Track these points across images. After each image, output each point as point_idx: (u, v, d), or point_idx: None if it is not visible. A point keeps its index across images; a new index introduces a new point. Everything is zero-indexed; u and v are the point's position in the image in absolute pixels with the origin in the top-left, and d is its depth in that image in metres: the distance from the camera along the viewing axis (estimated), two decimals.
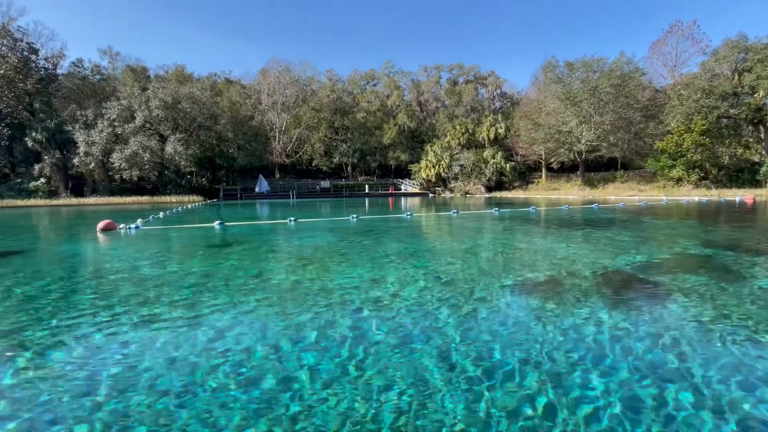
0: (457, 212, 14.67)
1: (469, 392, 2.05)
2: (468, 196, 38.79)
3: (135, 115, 35.26)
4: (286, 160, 47.93)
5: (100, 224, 9.73)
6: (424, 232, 9.97)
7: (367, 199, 34.04)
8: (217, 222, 11.05)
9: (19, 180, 34.92)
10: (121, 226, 10.01)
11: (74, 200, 32.83)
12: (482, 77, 54.34)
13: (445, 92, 52.63)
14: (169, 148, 34.93)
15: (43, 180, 34.43)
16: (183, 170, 38.48)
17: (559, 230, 9.52)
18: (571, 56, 45.15)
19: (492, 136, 43.83)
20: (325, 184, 45.19)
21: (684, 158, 30.10)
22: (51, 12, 74.44)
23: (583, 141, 35.75)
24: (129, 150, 33.45)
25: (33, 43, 36.26)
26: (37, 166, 34.49)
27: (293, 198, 38.81)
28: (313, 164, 49.47)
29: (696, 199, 22.99)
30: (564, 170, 43.44)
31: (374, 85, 56.93)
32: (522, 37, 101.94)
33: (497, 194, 39.04)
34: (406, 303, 3.62)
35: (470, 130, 45.14)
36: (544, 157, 41.61)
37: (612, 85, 33.43)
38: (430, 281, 4.45)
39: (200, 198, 35.93)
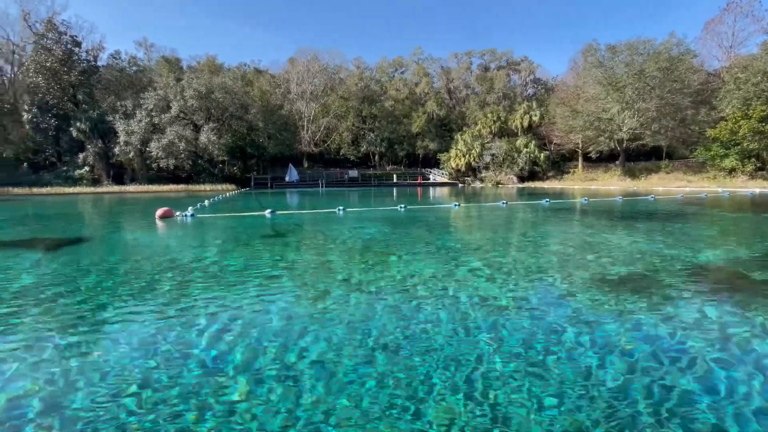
0: (506, 203, 14.16)
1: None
2: (500, 186, 37.80)
3: (170, 105, 35.99)
4: (314, 149, 48.05)
5: (159, 212, 9.88)
6: (481, 223, 9.59)
7: (395, 189, 33.71)
8: (268, 210, 11.03)
9: (65, 168, 36.53)
10: (178, 213, 10.13)
11: (116, 188, 34.09)
12: (515, 63, 52.37)
13: (476, 79, 51.08)
14: (202, 138, 35.55)
15: (87, 168, 35.89)
16: (216, 159, 39.12)
17: (626, 222, 8.93)
18: (612, 39, 42.63)
19: (525, 124, 42.32)
20: (353, 173, 45.08)
21: (739, 147, 28.07)
22: (87, 5, 76.78)
23: (625, 129, 33.95)
24: (165, 139, 34.25)
25: (76, 36, 37.45)
26: (81, 155, 35.91)
27: (322, 187, 38.94)
28: (341, 153, 49.36)
29: (757, 191, 21.42)
30: (602, 160, 41.56)
31: (402, 72, 55.93)
32: (558, 21, 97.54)
33: (530, 184, 37.84)
34: (504, 304, 3.32)
35: (502, 118, 43.74)
36: (581, 145, 39.88)
37: (659, 68, 31.42)
38: (520, 279, 4.12)
39: (232, 186, 36.54)
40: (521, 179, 40.23)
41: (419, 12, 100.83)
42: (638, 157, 42.25)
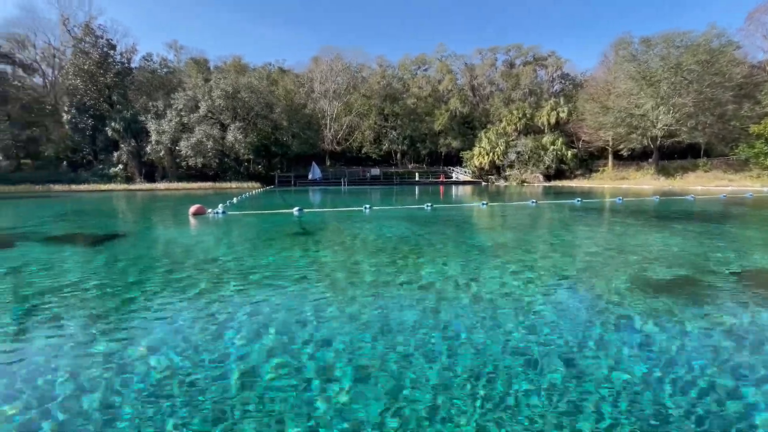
0: (535, 202, 13.77)
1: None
2: (525, 184, 36.94)
3: (199, 105, 36.96)
4: (336, 147, 48.32)
5: (192, 209, 10.12)
6: (512, 223, 9.33)
7: (417, 188, 33.47)
8: (296, 208, 11.12)
9: (101, 166, 38.15)
10: (209, 210, 10.36)
11: (148, 185, 35.35)
12: (542, 58, 50.96)
13: (501, 75, 50.05)
14: (229, 137, 36.36)
15: (120, 166, 37.37)
16: (241, 158, 39.95)
17: (666, 223, 8.47)
18: (646, 32, 40.79)
19: (552, 120, 41.14)
20: (375, 171, 45.09)
21: None
22: (121, 9, 79.94)
23: (659, 125, 32.47)
24: (194, 138, 35.22)
25: (111, 40, 38.99)
26: (115, 154, 37.42)
27: (344, 185, 39.14)
28: (363, 152, 49.43)
29: None
30: (633, 158, 39.92)
31: (425, 70, 55.45)
32: (588, 14, 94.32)
33: (557, 183, 36.79)
34: (539, 306, 3.15)
35: (528, 115, 42.68)
36: (611, 143, 38.43)
37: (698, 61, 29.82)
38: (558, 281, 3.93)
39: (257, 184, 37.22)
40: (547, 178, 39.17)
41: (443, 8, 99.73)
42: (672, 154, 40.37)
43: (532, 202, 14.00)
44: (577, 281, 3.92)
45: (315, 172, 42.23)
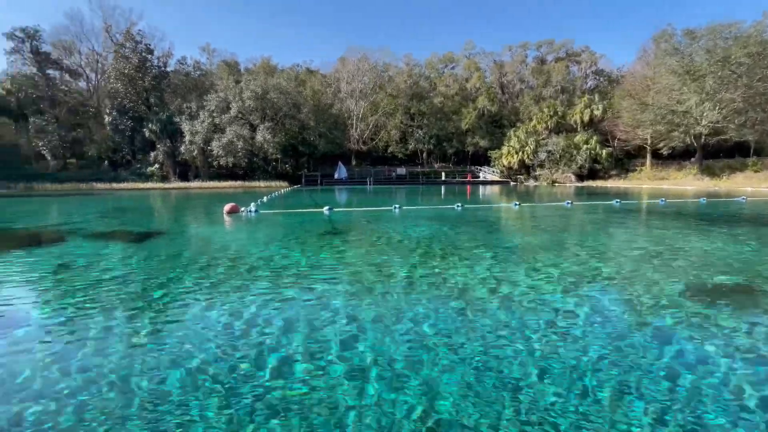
0: (571, 203, 13.22)
1: None
2: (556, 185, 35.74)
3: (230, 106, 38.01)
4: (362, 147, 48.49)
5: (226, 207, 10.33)
6: (548, 224, 8.95)
7: (443, 187, 33.02)
8: (326, 208, 11.15)
9: (138, 165, 39.95)
10: (242, 209, 10.54)
11: (181, 184, 36.69)
12: (575, 53, 49.18)
13: (531, 72, 48.65)
14: (258, 137, 37.18)
15: (157, 166, 38.99)
16: (270, 157, 40.78)
17: (717, 227, 7.86)
18: (689, 24, 38.51)
19: (586, 118, 39.59)
20: (401, 171, 44.92)
21: None
22: (157, 14, 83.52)
23: (704, 122, 30.57)
24: (225, 138, 36.24)
25: (149, 44, 40.72)
26: (152, 154, 39.07)
27: (370, 185, 39.19)
28: (389, 151, 49.35)
29: None
30: (674, 157, 37.82)
31: (453, 68, 54.73)
32: (625, 6, 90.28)
33: (591, 183, 35.38)
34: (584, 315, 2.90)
35: (559, 113, 41.27)
36: (649, 141, 36.55)
37: (748, 54, 27.81)
38: (602, 288, 3.64)
39: (285, 183, 37.86)
40: (580, 178, 37.75)
41: (472, 6, 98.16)
42: (718, 153, 37.99)
43: (568, 203, 13.45)
44: (624, 289, 3.63)
45: (341, 171, 42.54)
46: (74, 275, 4.29)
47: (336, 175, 42.40)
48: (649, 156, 37.88)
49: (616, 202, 13.93)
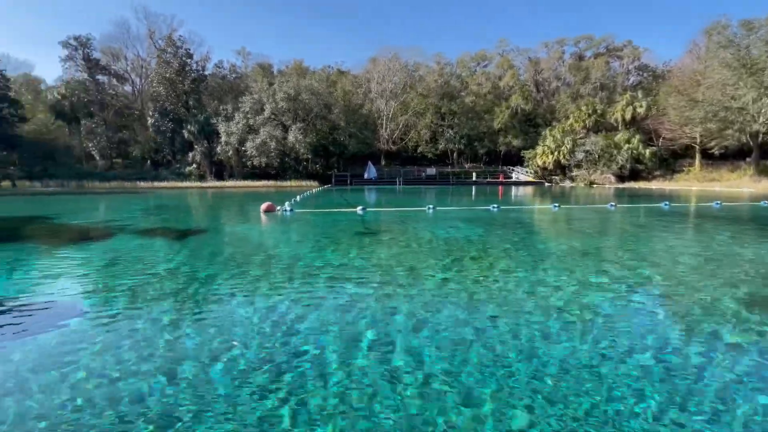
0: (614, 205, 12.50)
1: None
2: (594, 186, 34.15)
3: (264, 107, 38.98)
4: (392, 147, 48.40)
5: (263, 206, 10.49)
6: (592, 228, 8.45)
7: (474, 188, 32.33)
8: (360, 207, 11.09)
9: (177, 165, 41.77)
10: (278, 208, 10.67)
11: (217, 183, 38.01)
12: (616, 49, 46.79)
13: (569, 69, 46.73)
14: (290, 137, 37.89)
15: (194, 165, 40.61)
16: (301, 157, 41.50)
17: None
18: (746, 15, 35.71)
19: (628, 116, 37.57)
20: (431, 171, 44.46)
21: None
22: (196, 19, 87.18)
23: (762, 119, 28.22)
24: (259, 139, 37.19)
25: (189, 49, 42.49)
26: (190, 154, 40.72)
27: (399, 185, 39.04)
28: (418, 151, 48.97)
29: None
30: (726, 157, 35.18)
31: (485, 66, 53.58)
32: None
33: (633, 185, 33.52)
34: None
35: (598, 111, 39.39)
36: (698, 140, 34.18)
37: None
38: (659, 297, 3.26)
39: (315, 183, 38.39)
40: (620, 179, 35.86)
41: (505, 3, 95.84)
42: None
43: (611, 205, 12.71)
44: (681, 299, 3.26)
45: (370, 171, 42.65)
46: (123, 269, 4.40)
47: (366, 175, 42.54)
48: (698, 156, 35.43)
49: (665, 204, 13.05)
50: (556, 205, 12.61)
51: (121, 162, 45.24)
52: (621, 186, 33.21)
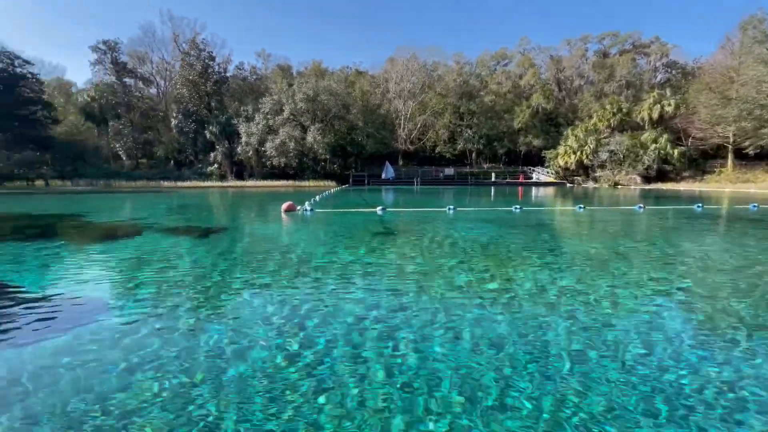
0: (643, 207, 12.03)
1: None
2: (619, 187, 33.11)
3: (283, 108, 39.43)
4: (410, 147, 48.21)
5: (284, 206, 10.55)
6: (620, 230, 8.12)
7: (493, 188, 31.83)
8: (380, 208, 11.02)
9: (199, 165, 42.72)
10: (299, 208, 10.72)
11: (238, 183, 38.70)
12: (642, 45, 45.24)
13: (592, 67, 45.44)
14: (309, 137, 38.20)
15: (216, 165, 41.44)
16: (319, 157, 41.81)
17: None
18: None
19: (655, 115, 36.27)
20: (449, 171, 44.06)
21: None
22: (218, 22, 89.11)
23: None
24: (278, 139, 37.63)
25: (211, 52, 43.42)
26: (212, 154, 41.58)
27: (417, 185, 38.83)
28: (436, 151, 48.60)
29: None
30: (761, 157, 33.46)
31: (505, 65, 52.74)
32: None
33: (660, 186, 32.33)
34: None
35: (624, 110, 38.18)
36: (731, 140, 32.67)
37: None
38: (692, 303, 3.03)
39: (333, 183, 38.59)
40: (647, 180, 34.65)
41: (527, 1, 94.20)
42: None
43: (639, 207, 12.23)
44: (721, 307, 3.03)
45: (388, 171, 42.60)
46: (150, 267, 4.45)
47: (383, 175, 42.52)
48: (730, 156, 33.88)
49: (698, 206, 12.46)
50: (581, 206, 12.22)
51: (146, 162, 46.60)
52: (647, 187, 32.09)
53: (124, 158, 45.84)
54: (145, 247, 5.86)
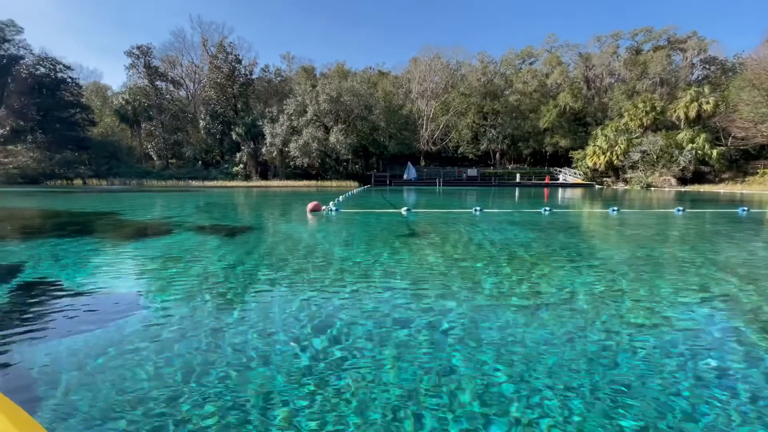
0: (682, 210, 11.42)
1: None
2: (652, 189, 31.72)
3: (307, 109, 39.95)
4: (432, 147, 47.90)
5: (309, 205, 10.61)
6: (658, 234, 7.69)
7: (518, 189, 31.12)
8: (404, 208, 10.92)
9: (226, 165, 43.86)
10: (324, 208, 10.75)
11: (262, 182, 39.47)
12: (679, 40, 43.22)
13: (624, 64, 43.78)
14: (332, 138, 38.54)
15: (241, 166, 42.42)
16: (341, 158, 42.12)
17: None
18: None
19: (692, 113, 34.55)
20: (472, 172, 43.46)
21: None
22: (244, 26, 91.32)
23: None
24: (302, 140, 38.16)
25: (238, 55, 44.50)
26: (238, 155, 42.60)
27: (439, 186, 38.48)
28: (459, 151, 48.07)
29: None
30: None
31: (531, 63, 51.59)
32: None
33: (697, 188, 30.76)
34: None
35: (657, 108, 36.59)
36: None
37: None
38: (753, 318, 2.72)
39: (355, 183, 38.76)
40: (682, 181, 33.06)
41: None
42: None
43: (678, 210, 11.61)
44: None
45: (410, 172, 42.44)
46: (182, 264, 4.51)
47: (405, 176, 42.39)
48: None
49: (742, 210, 11.71)
50: (614, 208, 11.70)
51: (175, 162, 48.26)
52: (683, 189, 30.60)
53: (155, 158, 47.61)
54: (177, 246, 5.97)
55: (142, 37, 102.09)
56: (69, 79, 41.25)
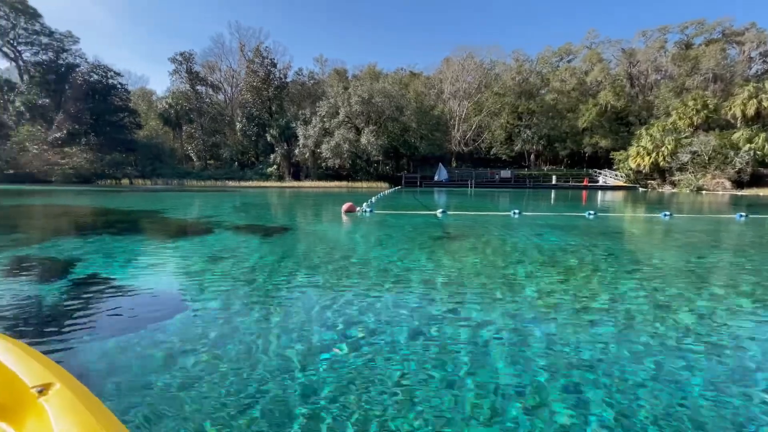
0: (744, 216, 10.48)
1: None
2: (703, 192, 29.58)
3: (338, 111, 40.36)
4: (464, 148, 47.07)
5: (344, 206, 10.62)
6: (719, 241, 7.05)
7: (554, 192, 29.90)
8: (440, 210, 10.70)
9: (260, 166, 45.11)
10: (358, 209, 10.72)
11: (295, 183, 40.27)
12: (735, 33, 40.11)
13: (672, 59, 41.12)
14: (363, 139, 38.69)
15: (275, 167, 43.48)
16: (372, 159, 42.21)
17: None
18: None
19: (750, 111, 31.91)
20: (506, 173, 42.27)
21: None
22: (279, 31, 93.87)
23: None
24: (333, 141, 38.58)
25: (273, 59, 45.70)
26: (272, 156, 43.69)
27: (471, 187, 37.71)
28: (492, 152, 46.93)
29: None
30: None
31: (569, 60, 49.61)
32: None
33: (756, 192, 28.37)
34: None
35: (710, 106, 34.07)
36: None
37: None
38: None
39: (385, 184, 38.71)
40: (738, 184, 30.57)
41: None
42: None
43: (740, 215, 10.67)
44: None
45: (441, 173, 41.90)
46: (223, 263, 4.55)
47: (436, 177, 41.89)
48: None
49: None
50: (667, 213, 10.91)
51: (213, 163, 50.21)
52: (739, 193, 28.33)
53: (194, 159, 49.74)
54: (217, 245, 6.08)
55: (186, 43, 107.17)
56: (119, 85, 43.93)
